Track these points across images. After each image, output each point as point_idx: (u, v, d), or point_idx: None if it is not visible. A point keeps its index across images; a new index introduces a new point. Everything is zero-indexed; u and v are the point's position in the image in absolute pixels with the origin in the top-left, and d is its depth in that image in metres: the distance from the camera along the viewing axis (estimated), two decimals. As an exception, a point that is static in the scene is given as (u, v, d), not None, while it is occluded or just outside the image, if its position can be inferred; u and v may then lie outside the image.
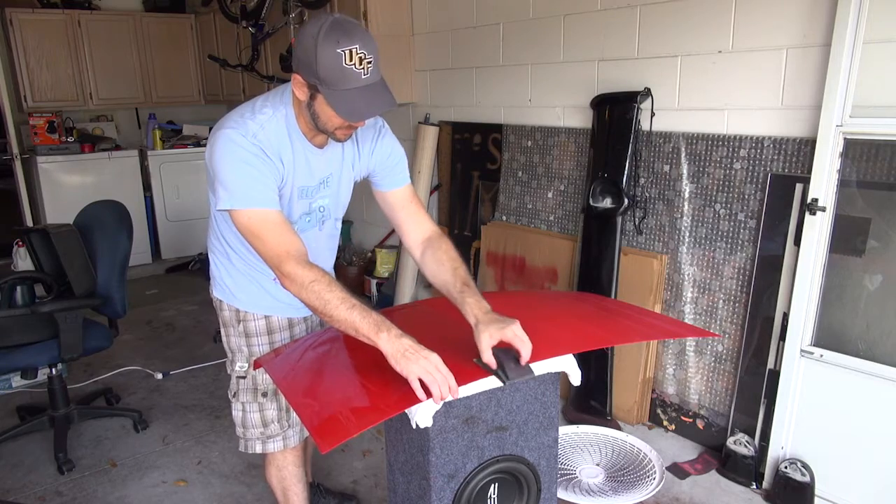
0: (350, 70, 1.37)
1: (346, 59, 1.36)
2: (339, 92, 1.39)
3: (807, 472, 2.27)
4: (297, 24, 4.14)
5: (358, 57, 1.37)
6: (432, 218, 1.76)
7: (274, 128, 1.52)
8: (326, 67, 1.37)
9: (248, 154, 1.46)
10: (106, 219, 2.78)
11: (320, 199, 1.69)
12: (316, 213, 1.71)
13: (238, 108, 1.56)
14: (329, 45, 1.35)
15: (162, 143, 5.48)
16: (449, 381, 1.27)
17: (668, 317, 2.68)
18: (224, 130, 1.48)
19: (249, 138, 1.47)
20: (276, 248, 1.45)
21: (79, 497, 2.48)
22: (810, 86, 2.23)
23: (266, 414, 1.80)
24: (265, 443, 1.82)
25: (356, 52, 1.36)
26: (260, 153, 1.47)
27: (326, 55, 1.36)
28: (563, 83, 3.09)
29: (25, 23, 4.94)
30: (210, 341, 3.92)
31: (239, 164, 1.46)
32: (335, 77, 1.38)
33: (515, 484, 1.49)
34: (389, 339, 1.31)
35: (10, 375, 3.29)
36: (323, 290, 1.39)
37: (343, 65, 1.36)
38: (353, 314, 1.36)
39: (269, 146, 1.50)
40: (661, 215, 2.75)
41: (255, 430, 1.81)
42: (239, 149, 1.46)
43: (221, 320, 1.82)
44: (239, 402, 1.81)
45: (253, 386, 1.78)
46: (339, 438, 1.19)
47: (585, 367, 2.84)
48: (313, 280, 1.41)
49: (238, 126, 1.48)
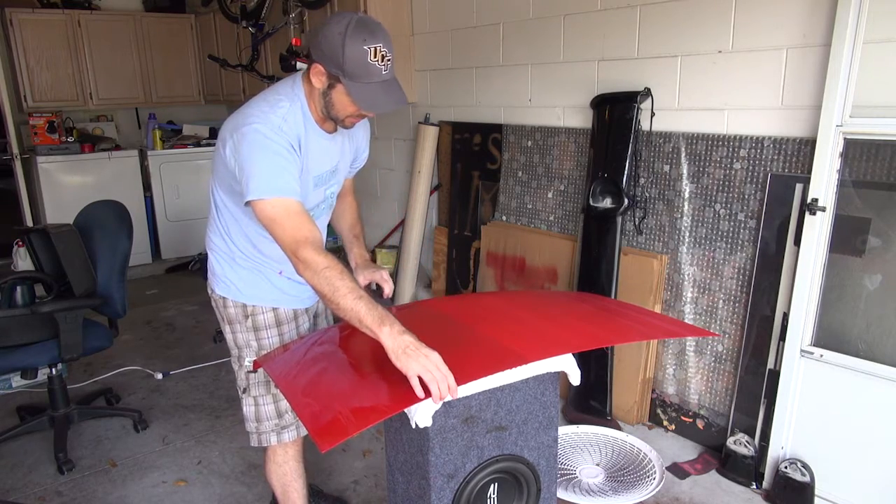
0: (374, 66, 1.49)
1: (371, 55, 1.48)
2: (361, 85, 1.50)
3: (807, 472, 2.27)
4: (297, 24, 4.14)
5: (381, 54, 1.49)
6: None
7: (293, 119, 1.59)
8: (352, 62, 1.47)
9: (277, 146, 1.52)
10: (106, 219, 2.79)
11: (332, 186, 1.79)
12: (328, 200, 1.81)
13: (251, 104, 1.61)
14: (357, 42, 1.46)
15: (162, 143, 5.48)
16: (448, 380, 1.27)
17: (668, 317, 2.68)
18: (251, 126, 1.53)
19: (276, 131, 1.53)
20: (296, 234, 1.49)
21: (79, 497, 2.48)
22: (810, 86, 2.23)
23: (281, 404, 1.83)
24: (280, 433, 1.85)
25: (380, 49, 1.48)
26: (287, 145, 1.54)
27: (353, 50, 1.46)
28: (563, 83, 3.09)
29: (25, 23, 4.94)
30: (210, 341, 3.92)
31: (270, 156, 1.51)
32: (359, 71, 1.49)
33: (515, 484, 1.49)
34: (392, 334, 1.32)
35: (10, 375, 3.29)
36: (334, 277, 1.42)
37: (368, 60, 1.48)
38: (359, 304, 1.38)
39: (293, 137, 1.57)
40: (661, 215, 2.75)
41: (270, 422, 1.83)
42: (269, 142, 1.52)
43: (226, 318, 1.82)
44: (250, 396, 1.83)
45: (265, 378, 1.80)
46: (338, 438, 1.19)
47: (585, 367, 2.84)
48: (327, 266, 1.44)
49: (263, 121, 1.54)
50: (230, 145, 1.55)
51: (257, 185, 1.50)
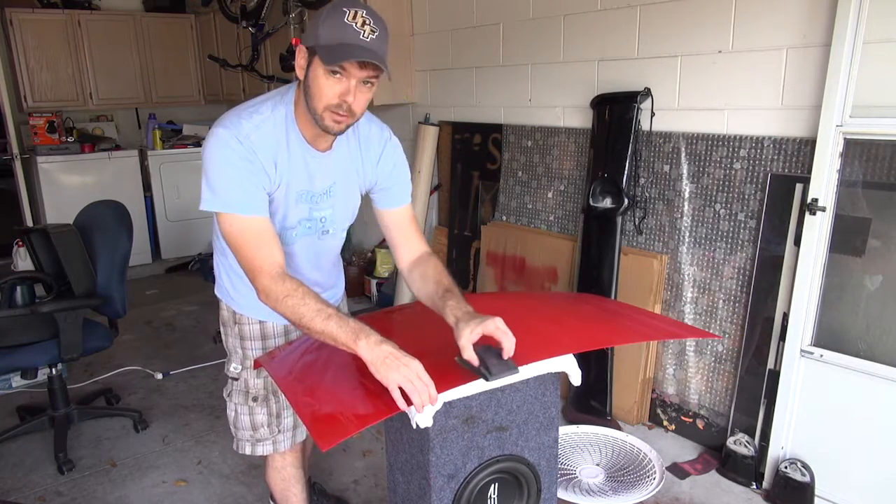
0: (350, 27, 1.33)
1: (349, 16, 1.33)
2: (331, 46, 1.34)
3: (807, 472, 2.27)
4: (297, 24, 4.14)
5: (361, 18, 1.34)
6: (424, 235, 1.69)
7: (270, 128, 1.47)
8: (328, 25, 1.34)
9: (236, 157, 1.42)
10: (106, 219, 2.78)
11: (323, 209, 1.63)
12: (316, 223, 1.64)
13: (238, 106, 1.53)
14: (337, 8, 1.34)
15: (162, 143, 5.48)
16: (429, 389, 1.23)
17: (668, 317, 2.68)
18: (217, 129, 1.44)
19: (242, 139, 1.42)
20: (252, 262, 1.42)
21: (79, 497, 2.48)
22: (810, 86, 2.23)
23: (255, 418, 1.78)
24: (254, 445, 1.80)
25: (359, 13, 1.34)
26: (251, 155, 1.43)
27: (332, 14, 1.34)
28: (563, 83, 3.09)
29: (25, 23, 4.94)
30: (210, 341, 3.92)
31: (226, 167, 1.42)
32: (333, 34, 1.34)
33: (515, 484, 1.49)
34: (369, 346, 1.27)
35: (10, 375, 3.29)
36: (297, 305, 1.36)
37: (344, 21, 1.33)
38: (329, 325, 1.31)
39: (263, 148, 1.45)
40: (661, 215, 2.75)
41: (245, 431, 1.80)
42: (228, 150, 1.42)
43: (221, 319, 1.82)
44: (232, 402, 1.79)
45: (245, 389, 1.77)
46: (338, 437, 1.19)
47: (585, 368, 2.84)
48: (287, 295, 1.37)
49: (232, 126, 1.44)
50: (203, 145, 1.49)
51: (214, 196, 1.42)
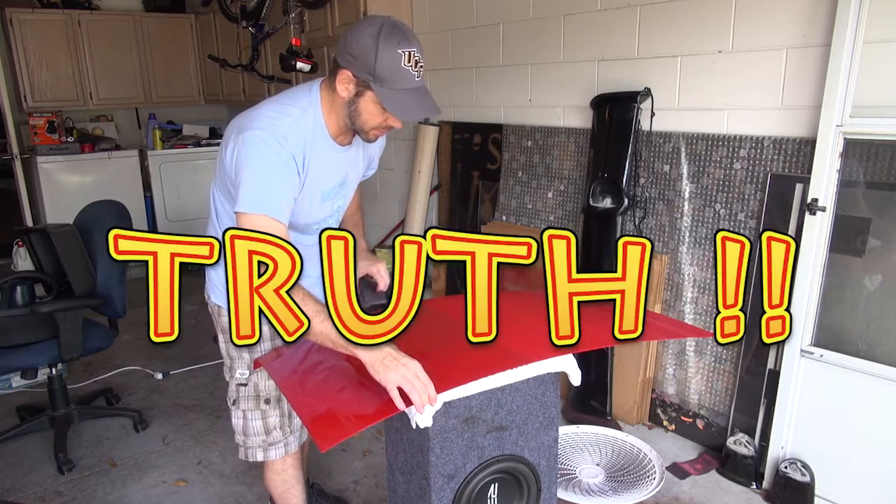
0: (407, 71, 1.42)
1: (405, 60, 1.41)
2: (392, 91, 1.43)
3: (807, 472, 2.27)
4: (297, 24, 4.14)
5: (415, 60, 1.42)
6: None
7: (302, 129, 1.51)
8: (385, 66, 1.40)
9: (277, 159, 1.45)
10: (106, 219, 2.78)
11: (339, 199, 1.73)
12: (336, 215, 1.75)
13: (261, 106, 1.54)
14: (391, 45, 1.40)
15: (162, 143, 5.48)
16: (428, 389, 1.24)
17: (668, 317, 2.68)
18: (254, 131, 1.45)
19: (280, 140, 1.46)
20: None
21: (79, 497, 2.48)
22: (810, 86, 2.22)
23: (269, 421, 1.77)
24: (266, 450, 1.79)
25: (414, 54, 1.42)
26: (289, 159, 1.47)
27: (387, 54, 1.40)
28: (563, 83, 3.09)
29: (25, 23, 4.94)
30: (210, 341, 3.91)
31: (267, 168, 1.45)
32: (392, 76, 1.42)
33: (515, 484, 1.49)
34: (367, 347, 1.27)
35: (10, 375, 3.29)
36: None
37: (402, 65, 1.41)
38: (327, 326, 1.30)
39: (298, 149, 1.49)
40: (661, 215, 2.75)
41: (258, 437, 1.77)
42: (270, 151, 1.44)
43: (220, 327, 1.79)
44: (240, 409, 1.77)
45: (255, 393, 1.75)
46: (338, 437, 1.19)
47: (585, 367, 2.83)
48: None
49: (268, 127, 1.46)
50: (231, 147, 1.49)
51: (248, 197, 1.44)
